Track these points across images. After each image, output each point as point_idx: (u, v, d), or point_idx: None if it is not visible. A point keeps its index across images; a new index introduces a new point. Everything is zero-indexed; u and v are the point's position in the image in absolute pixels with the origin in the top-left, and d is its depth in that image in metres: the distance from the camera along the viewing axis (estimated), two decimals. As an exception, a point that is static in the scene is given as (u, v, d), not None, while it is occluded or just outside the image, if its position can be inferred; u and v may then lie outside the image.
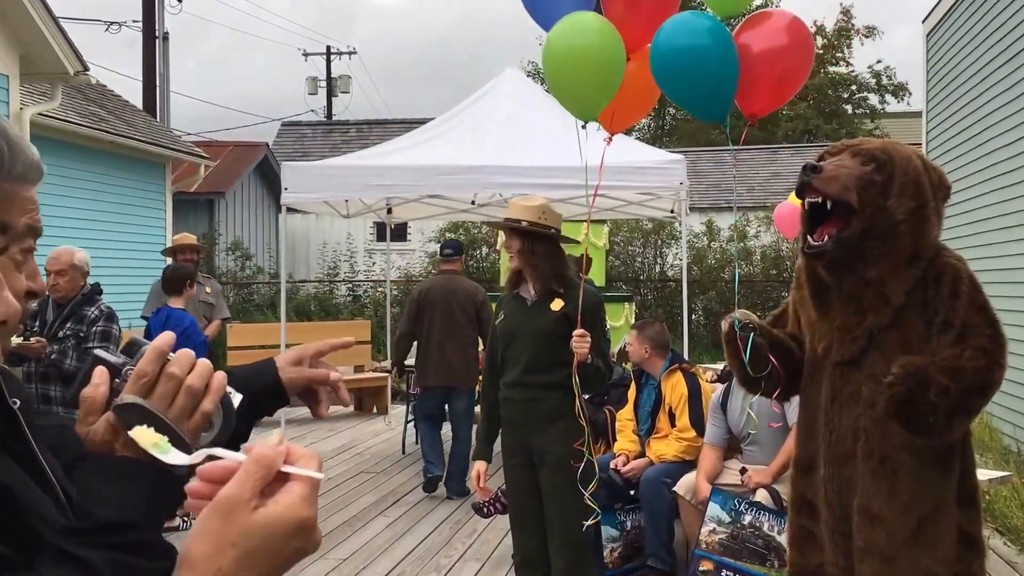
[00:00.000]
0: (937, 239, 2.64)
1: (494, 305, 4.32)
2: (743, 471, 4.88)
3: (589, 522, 3.81)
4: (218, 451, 0.92)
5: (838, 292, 2.64)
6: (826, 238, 2.57)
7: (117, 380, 1.02)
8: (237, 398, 1.12)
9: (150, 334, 6.47)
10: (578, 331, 3.70)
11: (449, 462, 7.28)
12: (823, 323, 2.68)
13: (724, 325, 2.83)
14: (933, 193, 2.60)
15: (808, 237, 2.61)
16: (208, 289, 7.72)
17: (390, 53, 76.88)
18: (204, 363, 1.03)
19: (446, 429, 7.69)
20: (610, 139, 3.97)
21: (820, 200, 2.57)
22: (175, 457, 0.96)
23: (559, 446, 3.84)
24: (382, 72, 60.30)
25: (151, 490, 1.00)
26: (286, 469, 0.86)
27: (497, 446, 4.19)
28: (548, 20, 3.80)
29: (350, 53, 30.48)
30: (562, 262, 3.99)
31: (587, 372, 3.75)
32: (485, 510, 5.78)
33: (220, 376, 1.01)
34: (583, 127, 3.83)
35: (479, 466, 4.13)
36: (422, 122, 11.28)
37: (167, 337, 1.02)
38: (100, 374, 1.02)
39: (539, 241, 3.90)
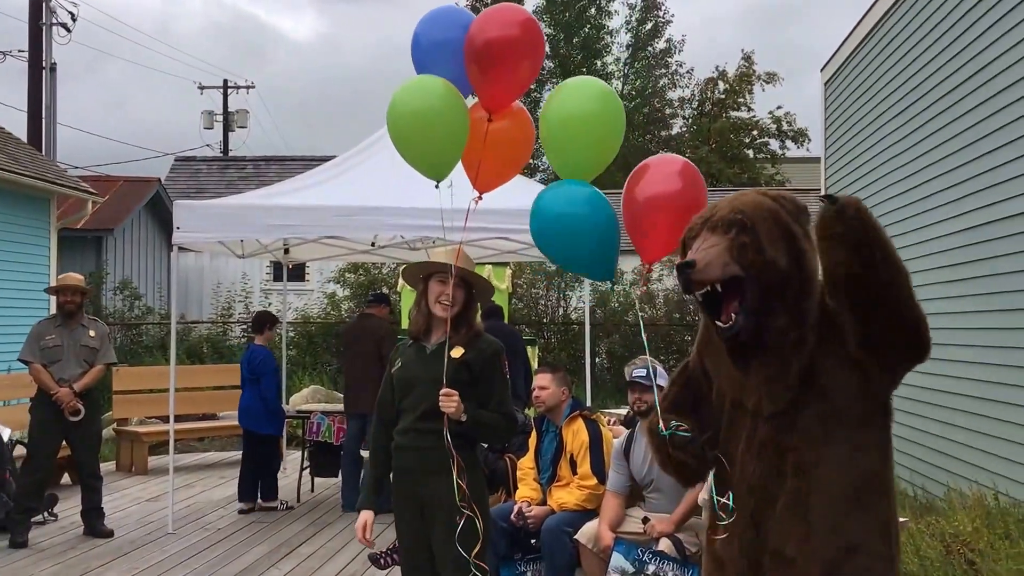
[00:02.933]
0: (819, 265, 2.61)
1: None
2: (645, 520, 4.83)
3: None
4: None
5: (755, 347, 2.62)
6: (734, 316, 2.58)
7: None
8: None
9: (243, 367, 8.24)
10: (444, 390, 3.70)
11: None
12: (749, 378, 2.66)
13: (648, 430, 2.86)
14: (795, 221, 2.62)
15: (717, 323, 2.61)
16: (92, 332, 7.33)
17: (297, 89, 76.13)
18: None
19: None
20: (479, 197, 4.03)
21: (710, 288, 2.58)
22: None
23: (451, 497, 3.71)
24: (288, 109, 59.66)
25: None
26: None
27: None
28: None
29: (248, 87, 30.07)
30: (476, 318, 4.06)
31: (465, 429, 3.75)
32: (382, 561, 5.60)
33: None
34: (436, 187, 3.92)
35: (365, 516, 3.87)
36: (323, 160, 11.11)
37: None
38: None
39: (472, 298, 3.98)
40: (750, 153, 30.63)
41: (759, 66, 30.54)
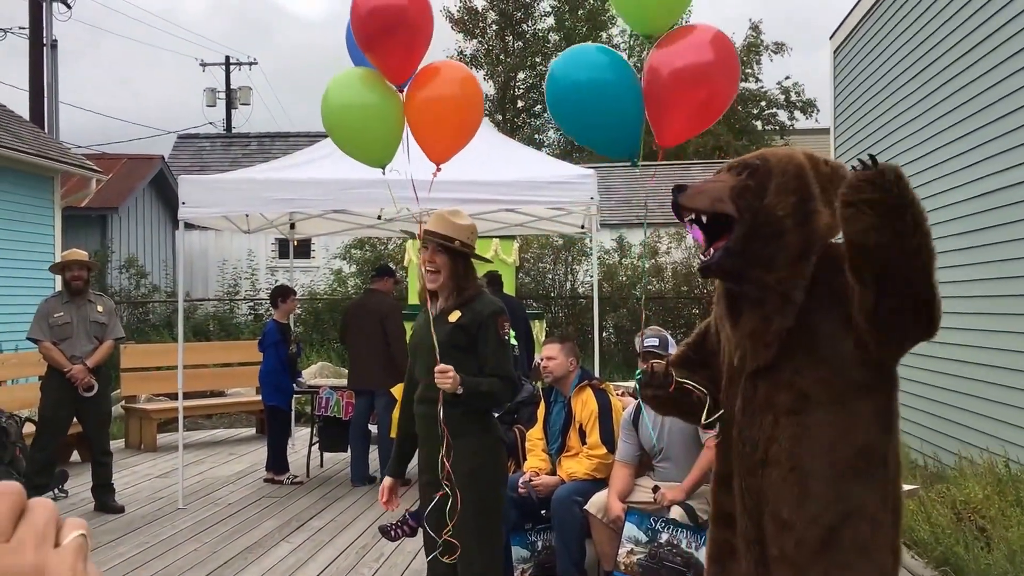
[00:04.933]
0: (831, 231, 2.55)
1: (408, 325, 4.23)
2: (655, 489, 4.81)
3: (447, 559, 3.70)
4: None
5: (746, 300, 2.61)
6: (711, 251, 2.57)
7: None
8: None
9: (265, 338, 8.44)
10: (439, 366, 3.66)
11: (380, 457, 8.24)
12: (736, 332, 2.65)
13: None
14: (823, 185, 2.54)
15: (701, 255, 2.63)
16: (100, 308, 7.34)
17: (304, 66, 75.73)
18: None
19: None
20: (438, 169, 4.03)
21: (695, 217, 2.58)
22: None
23: (461, 463, 3.73)
24: (294, 86, 59.30)
25: None
26: None
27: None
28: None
29: (250, 64, 29.91)
30: (473, 280, 3.93)
31: (465, 401, 3.70)
32: (392, 533, 5.58)
33: None
34: (383, 172, 3.96)
35: (386, 482, 4.04)
36: (327, 135, 11.03)
37: None
38: None
39: (463, 261, 3.86)
40: (758, 125, 30.42)
41: (767, 35, 30.32)
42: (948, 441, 7.59)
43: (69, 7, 18.46)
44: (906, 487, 5.70)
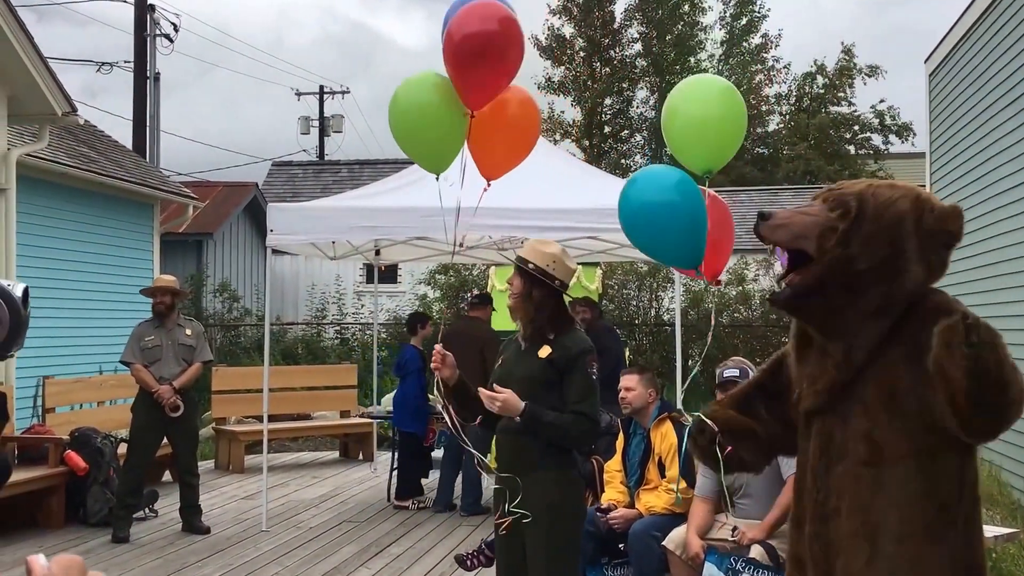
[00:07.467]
0: (922, 286, 2.42)
1: None
2: (735, 530, 4.68)
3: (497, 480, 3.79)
4: None
5: (814, 341, 2.52)
6: (784, 285, 2.47)
7: None
8: (19, 288, 1.52)
9: (407, 364, 8.40)
10: (487, 393, 3.71)
11: (463, 483, 8.09)
12: (799, 370, 2.56)
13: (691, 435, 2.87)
14: (922, 239, 2.39)
15: (777, 284, 2.53)
16: (188, 331, 7.53)
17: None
18: None
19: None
20: (488, 185, 4.07)
21: (777, 248, 2.50)
22: None
23: (539, 496, 3.71)
24: (385, 112, 60.19)
25: None
26: None
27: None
28: None
29: (343, 92, 30.59)
30: (559, 311, 3.86)
31: (524, 428, 3.70)
32: (469, 563, 5.58)
33: None
34: (436, 179, 4.02)
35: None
36: (413, 162, 11.16)
37: None
38: None
39: (539, 288, 3.80)
40: (851, 149, 29.71)
41: (860, 58, 29.61)
42: (1052, 481, 7.22)
43: (171, 41, 19.21)
44: (1005, 530, 5.42)
